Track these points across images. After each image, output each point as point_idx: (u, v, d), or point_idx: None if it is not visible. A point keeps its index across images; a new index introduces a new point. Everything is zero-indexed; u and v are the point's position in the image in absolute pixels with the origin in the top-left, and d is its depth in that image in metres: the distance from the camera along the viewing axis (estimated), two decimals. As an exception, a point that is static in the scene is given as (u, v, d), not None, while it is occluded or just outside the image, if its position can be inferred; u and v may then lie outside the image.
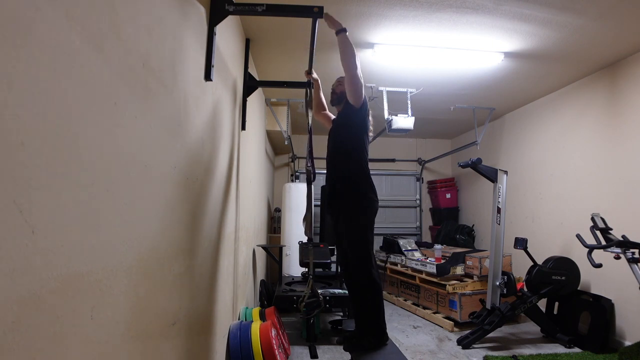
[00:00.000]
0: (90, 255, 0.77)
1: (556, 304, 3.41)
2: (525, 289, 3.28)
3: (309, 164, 2.14)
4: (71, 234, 0.71)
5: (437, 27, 2.67)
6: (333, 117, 2.59)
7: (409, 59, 3.20)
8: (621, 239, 2.58)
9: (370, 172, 2.27)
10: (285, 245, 4.35)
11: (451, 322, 3.56)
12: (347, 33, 2.06)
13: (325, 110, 2.67)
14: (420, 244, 4.88)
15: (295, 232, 4.44)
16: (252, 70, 3.09)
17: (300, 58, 3.13)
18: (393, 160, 6.16)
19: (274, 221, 5.47)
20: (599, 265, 2.64)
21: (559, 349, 3.05)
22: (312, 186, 2.16)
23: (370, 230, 2.21)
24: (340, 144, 2.31)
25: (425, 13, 2.50)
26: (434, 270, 3.81)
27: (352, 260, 2.21)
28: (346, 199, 2.21)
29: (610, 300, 3.06)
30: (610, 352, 2.90)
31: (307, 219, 2.02)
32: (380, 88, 3.76)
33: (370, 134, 2.38)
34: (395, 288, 4.69)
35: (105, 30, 0.83)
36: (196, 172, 1.53)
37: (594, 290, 3.28)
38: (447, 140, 6.39)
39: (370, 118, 2.36)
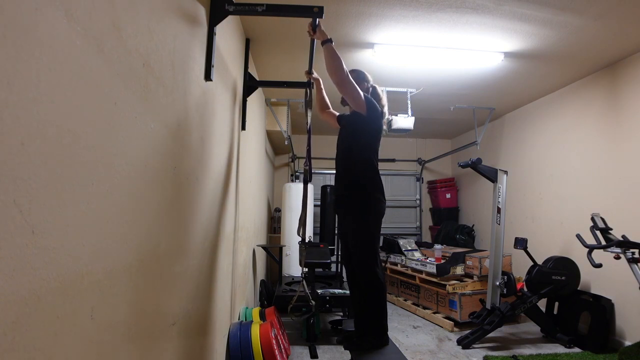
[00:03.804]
0: (90, 255, 0.77)
1: (556, 304, 3.41)
2: (525, 289, 3.28)
3: (306, 164, 2.14)
4: (71, 234, 0.71)
5: (437, 27, 2.67)
6: (337, 113, 2.58)
7: (409, 59, 3.20)
8: (621, 239, 2.58)
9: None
10: (285, 245, 4.36)
11: (451, 322, 3.56)
12: (333, 43, 2.03)
13: (329, 109, 2.64)
14: (420, 244, 4.88)
15: (295, 232, 4.44)
16: (252, 70, 3.09)
17: (300, 58, 3.13)
18: (393, 160, 6.16)
19: (274, 221, 5.47)
20: (599, 265, 2.64)
21: (559, 349, 3.05)
22: (311, 186, 2.17)
23: (376, 230, 2.22)
24: (349, 148, 2.30)
25: (425, 13, 2.50)
26: (434, 270, 3.81)
27: (357, 260, 2.21)
28: (354, 200, 2.22)
29: (610, 300, 3.06)
30: (610, 352, 2.90)
31: (301, 218, 2.01)
32: (380, 88, 3.75)
33: (386, 118, 2.37)
34: (395, 288, 4.69)
35: (105, 30, 0.83)
36: (196, 172, 1.53)
37: (594, 290, 3.28)
38: (447, 140, 6.39)
39: (384, 103, 2.35)
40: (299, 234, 2.04)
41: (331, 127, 2.58)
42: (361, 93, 2.18)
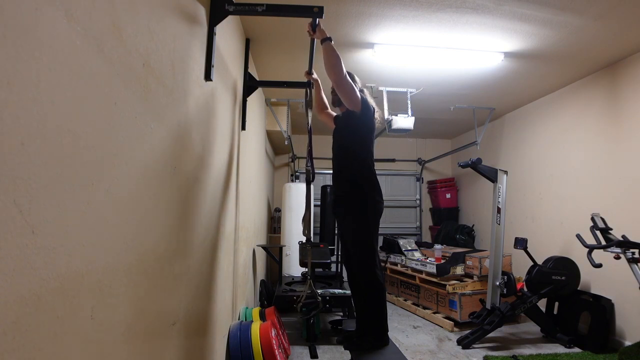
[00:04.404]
0: (90, 255, 0.77)
1: (556, 304, 3.41)
2: (525, 289, 3.28)
3: (308, 164, 2.15)
4: (71, 234, 0.71)
5: (437, 27, 2.67)
6: (334, 114, 2.59)
7: (409, 59, 3.20)
8: (621, 239, 2.58)
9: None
10: (285, 245, 4.35)
11: (451, 322, 3.56)
12: (332, 42, 2.03)
13: (327, 109, 2.66)
14: (420, 244, 4.88)
15: (295, 232, 4.45)
16: (252, 70, 3.08)
17: (300, 58, 3.13)
18: (393, 160, 6.16)
19: (274, 221, 5.47)
20: (599, 265, 2.64)
21: (559, 349, 3.05)
22: (312, 186, 2.17)
23: (374, 231, 2.23)
24: (344, 148, 2.31)
25: (425, 13, 2.50)
26: (434, 270, 3.81)
27: (356, 261, 2.21)
28: (351, 200, 2.22)
29: (610, 300, 3.06)
30: (610, 352, 2.90)
31: (306, 218, 2.02)
32: (380, 88, 3.76)
33: (377, 117, 2.37)
34: (395, 288, 4.69)
35: (105, 30, 0.83)
36: (196, 172, 1.53)
37: (594, 290, 3.28)
38: (447, 140, 6.39)
39: (374, 106, 2.35)
40: (304, 234, 2.04)
41: (330, 128, 2.60)
42: (357, 92, 2.19)
